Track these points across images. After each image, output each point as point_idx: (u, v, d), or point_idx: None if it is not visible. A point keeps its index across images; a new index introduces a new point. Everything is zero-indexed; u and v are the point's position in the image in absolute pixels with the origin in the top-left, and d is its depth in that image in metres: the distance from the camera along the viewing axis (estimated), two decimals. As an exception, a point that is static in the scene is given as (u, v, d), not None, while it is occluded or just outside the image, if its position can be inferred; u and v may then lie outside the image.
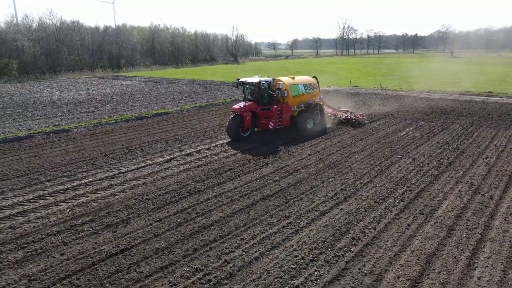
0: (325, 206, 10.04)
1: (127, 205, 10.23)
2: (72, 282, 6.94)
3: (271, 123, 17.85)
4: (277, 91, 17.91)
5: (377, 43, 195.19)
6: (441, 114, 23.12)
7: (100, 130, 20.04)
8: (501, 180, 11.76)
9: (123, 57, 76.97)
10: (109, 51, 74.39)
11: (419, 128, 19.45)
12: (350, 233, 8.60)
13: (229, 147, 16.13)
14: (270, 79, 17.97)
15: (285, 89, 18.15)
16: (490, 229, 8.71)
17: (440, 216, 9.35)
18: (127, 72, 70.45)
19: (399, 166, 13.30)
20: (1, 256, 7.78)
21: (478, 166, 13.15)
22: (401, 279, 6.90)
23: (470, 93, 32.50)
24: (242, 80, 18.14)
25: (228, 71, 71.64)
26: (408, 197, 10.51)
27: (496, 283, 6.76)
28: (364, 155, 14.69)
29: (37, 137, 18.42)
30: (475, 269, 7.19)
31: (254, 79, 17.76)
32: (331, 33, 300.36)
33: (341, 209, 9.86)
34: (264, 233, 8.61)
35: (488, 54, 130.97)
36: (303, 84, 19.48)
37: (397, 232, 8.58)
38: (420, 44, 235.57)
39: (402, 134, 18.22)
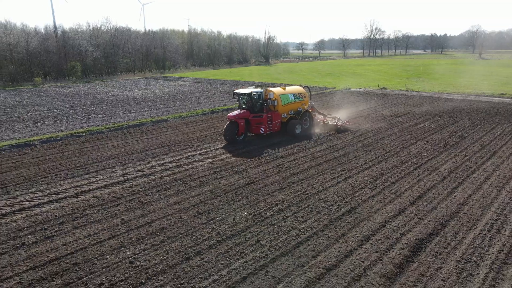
0: (366, 165, 15.91)
1: (248, 158, 16.47)
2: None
3: (262, 128, 20.04)
4: (268, 101, 20.41)
5: (405, 43, 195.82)
6: (455, 112, 28.31)
7: (188, 121, 26.58)
8: (487, 154, 17.25)
9: (167, 59, 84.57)
10: (155, 54, 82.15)
11: (435, 121, 24.87)
12: (382, 178, 14.44)
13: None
14: (261, 90, 20.40)
15: (275, 99, 20.51)
16: (469, 178, 14.31)
17: (439, 171, 15.04)
18: (172, 73, 77.82)
19: (416, 146, 18.95)
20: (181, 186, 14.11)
21: (473, 146, 18.62)
22: (407, 196, 12.69)
23: (484, 95, 37.25)
24: (237, 91, 20.68)
25: (263, 72, 77.71)
26: (420, 162, 16.23)
27: (464, 199, 12.42)
28: (391, 139, 20.40)
29: (147, 125, 25.14)
30: (454, 194, 12.87)
31: (247, 90, 20.27)
32: (358, 33, 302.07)
33: (376, 167, 15.71)
34: (331, 176, 14.59)
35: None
36: (293, 94, 21.70)
37: (411, 178, 14.36)
38: (449, 44, 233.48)
39: (421, 125, 23.73)
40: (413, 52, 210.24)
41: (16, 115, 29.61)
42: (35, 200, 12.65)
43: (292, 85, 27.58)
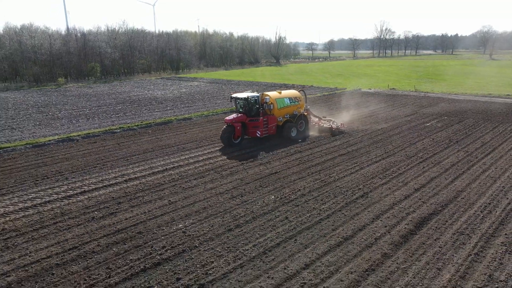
0: (376, 159, 17.77)
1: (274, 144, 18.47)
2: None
3: (258, 132, 20.52)
4: (264, 104, 20.92)
5: (415, 44, 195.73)
6: (461, 112, 29.92)
7: (210, 119, 28.67)
8: (487, 150, 18.96)
9: (181, 60, 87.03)
10: (170, 55, 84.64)
11: (441, 121, 26.56)
12: (390, 169, 16.29)
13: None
14: (257, 94, 20.83)
15: (271, 103, 20.93)
16: (469, 170, 16.09)
17: (442, 164, 16.83)
18: (186, 74, 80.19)
19: (423, 142, 20.73)
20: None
21: (475, 143, 20.33)
22: (413, 184, 14.52)
23: (491, 95, 38.69)
24: (233, 95, 21.11)
25: (274, 73, 79.61)
26: (425, 156, 18.03)
27: (463, 187, 14.22)
28: (399, 136, 22.20)
29: (173, 122, 27.30)
30: (455, 183, 14.66)
31: (243, 95, 20.72)
32: (368, 33, 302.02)
33: (385, 160, 17.55)
34: (345, 168, 16.50)
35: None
36: (289, 98, 22.08)
37: (417, 170, 16.18)
38: (460, 44, 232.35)
39: (428, 124, 25.46)
40: (423, 52, 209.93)
41: (50, 113, 32.03)
42: (91, 185, 14.82)
43: (299, 85, 29.23)
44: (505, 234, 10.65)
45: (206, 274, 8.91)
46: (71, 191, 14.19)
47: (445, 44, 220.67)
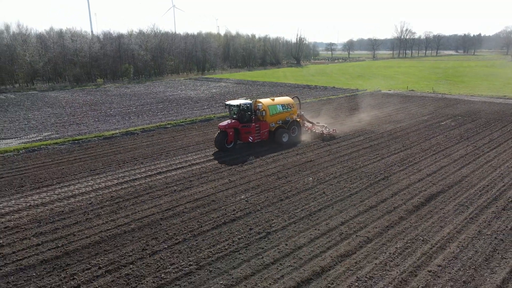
0: (395, 151, 20.91)
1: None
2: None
3: (250, 137, 21.55)
4: (257, 111, 22.06)
5: (436, 44, 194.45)
6: (474, 112, 32.54)
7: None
8: (493, 145, 21.82)
9: (207, 61, 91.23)
10: (196, 56, 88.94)
11: (455, 120, 29.35)
12: (407, 159, 19.42)
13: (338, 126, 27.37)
14: (250, 102, 21.92)
15: (264, 110, 21.99)
16: (474, 161, 19.05)
17: (452, 156, 19.85)
18: (212, 75, 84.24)
19: (437, 138, 23.70)
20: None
21: (484, 139, 23.18)
22: (426, 171, 17.62)
23: (506, 97, 40.92)
24: (227, 102, 22.14)
25: (296, 74, 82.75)
26: (438, 150, 21.06)
27: (468, 173, 17.24)
28: (416, 133, 25.20)
29: (214, 120, 30.99)
30: (461, 170, 17.70)
31: (237, 102, 21.69)
32: (387, 33, 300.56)
33: (403, 153, 20.67)
34: (369, 158, 19.72)
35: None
36: (281, 105, 22.95)
37: (430, 160, 19.25)
38: (483, 45, 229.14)
39: (443, 123, 28.31)
40: (444, 53, 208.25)
41: (102, 111, 36.28)
42: (163, 168, 18.56)
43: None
44: (496, 206, 13.74)
45: (270, 227, 12.41)
46: (149, 172, 17.96)
47: (467, 45, 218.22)
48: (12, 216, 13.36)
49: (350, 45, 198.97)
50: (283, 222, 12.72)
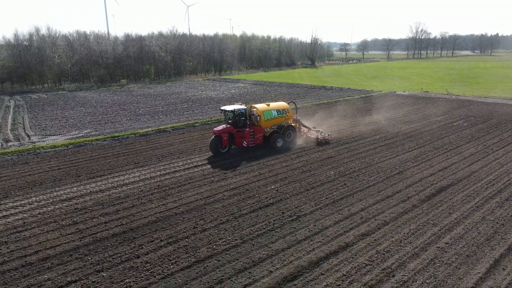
0: (409, 149, 22.61)
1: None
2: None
3: (244, 142, 21.93)
4: (252, 116, 22.53)
5: (452, 44, 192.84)
6: (487, 113, 33.86)
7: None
8: (502, 144, 23.33)
9: (224, 62, 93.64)
10: (213, 57, 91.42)
11: (467, 121, 30.79)
12: (420, 157, 21.12)
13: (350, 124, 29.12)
14: (245, 107, 22.41)
15: (258, 115, 22.39)
16: (484, 158, 20.64)
17: (463, 154, 21.46)
18: (229, 75, 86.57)
19: (449, 138, 25.29)
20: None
21: (494, 139, 24.67)
22: (437, 167, 19.33)
23: (519, 99, 41.95)
24: (222, 108, 22.57)
25: (311, 75, 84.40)
26: (449, 148, 22.69)
27: (476, 169, 18.88)
28: (429, 133, 26.80)
29: (237, 119, 33.03)
30: (470, 166, 19.33)
31: (231, 107, 22.22)
32: (402, 33, 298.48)
33: (416, 150, 22.37)
34: (384, 155, 21.49)
35: None
36: (277, 110, 23.27)
37: (442, 157, 20.91)
38: (500, 45, 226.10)
39: (455, 124, 29.81)
40: (460, 53, 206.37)
41: (132, 110, 38.80)
42: (199, 162, 20.71)
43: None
44: (500, 197, 15.43)
45: (299, 211, 14.39)
46: (187, 165, 20.14)
47: (483, 45, 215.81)
48: (78, 200, 15.68)
49: (364, 46, 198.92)
50: (310, 208, 14.68)
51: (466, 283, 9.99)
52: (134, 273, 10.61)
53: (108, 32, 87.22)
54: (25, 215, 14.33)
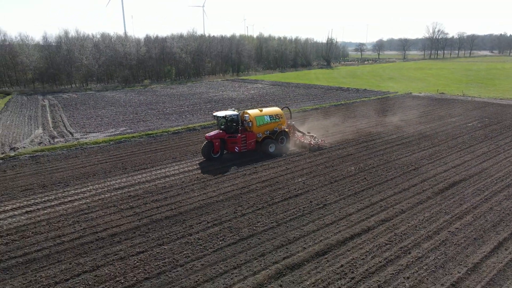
0: (424, 148, 24.19)
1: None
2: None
3: (236, 147, 22.36)
4: (244, 122, 23.00)
5: (469, 45, 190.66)
6: (501, 114, 35.00)
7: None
8: (514, 144, 24.75)
9: (241, 63, 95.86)
10: (231, 58, 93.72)
11: (481, 122, 32.07)
12: (435, 155, 22.70)
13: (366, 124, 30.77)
14: (236, 113, 22.71)
15: (250, 121, 22.85)
16: (495, 157, 22.10)
17: (475, 152, 22.94)
18: (246, 76, 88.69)
19: (462, 138, 26.74)
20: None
21: (506, 139, 26.02)
22: (451, 164, 20.90)
23: (534, 101, 42.75)
24: (215, 114, 22.83)
25: (327, 76, 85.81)
26: (463, 147, 24.19)
27: (488, 166, 20.39)
28: (444, 133, 28.27)
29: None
30: (482, 164, 20.85)
31: (223, 113, 22.48)
32: (419, 33, 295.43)
33: (431, 149, 23.92)
34: (401, 153, 23.15)
35: None
36: (269, 115, 23.57)
37: (455, 156, 22.44)
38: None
39: (469, 124, 31.15)
40: (478, 53, 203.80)
41: (160, 110, 41.22)
42: (230, 158, 22.75)
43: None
44: (508, 191, 17.01)
45: (325, 200, 16.29)
46: (219, 160, 22.23)
47: (502, 45, 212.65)
48: (129, 189, 17.92)
49: (380, 46, 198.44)
50: (335, 198, 16.56)
51: (472, 259, 11.73)
52: (189, 247, 12.70)
53: (125, 33, 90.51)
54: (87, 200, 16.63)
